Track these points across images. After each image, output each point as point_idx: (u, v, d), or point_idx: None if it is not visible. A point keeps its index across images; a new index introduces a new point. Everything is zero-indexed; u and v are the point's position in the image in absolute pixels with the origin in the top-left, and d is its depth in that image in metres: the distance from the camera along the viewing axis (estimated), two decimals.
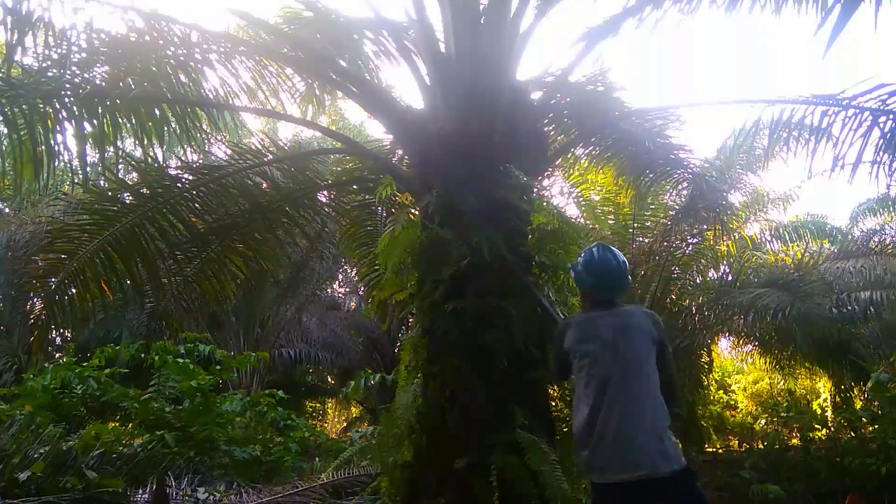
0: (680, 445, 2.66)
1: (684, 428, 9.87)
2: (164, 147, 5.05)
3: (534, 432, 3.59)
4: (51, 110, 4.20)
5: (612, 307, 2.82)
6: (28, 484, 4.42)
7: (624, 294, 2.94)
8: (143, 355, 7.60)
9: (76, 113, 4.26)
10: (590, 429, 2.53)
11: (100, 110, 4.31)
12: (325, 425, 20.41)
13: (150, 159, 4.98)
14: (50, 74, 4.11)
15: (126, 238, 4.93)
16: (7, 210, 13.70)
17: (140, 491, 5.08)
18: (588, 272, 2.88)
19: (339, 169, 6.39)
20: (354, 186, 6.22)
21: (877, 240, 10.64)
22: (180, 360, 7.41)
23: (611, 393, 2.53)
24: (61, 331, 11.90)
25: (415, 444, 3.87)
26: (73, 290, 5.10)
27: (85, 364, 7.43)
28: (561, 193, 8.52)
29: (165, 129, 4.60)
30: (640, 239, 9.76)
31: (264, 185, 5.52)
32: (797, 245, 12.06)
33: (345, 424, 20.56)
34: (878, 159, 4.33)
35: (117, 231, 4.91)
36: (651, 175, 6.26)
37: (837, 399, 12.16)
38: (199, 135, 4.97)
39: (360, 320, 15.64)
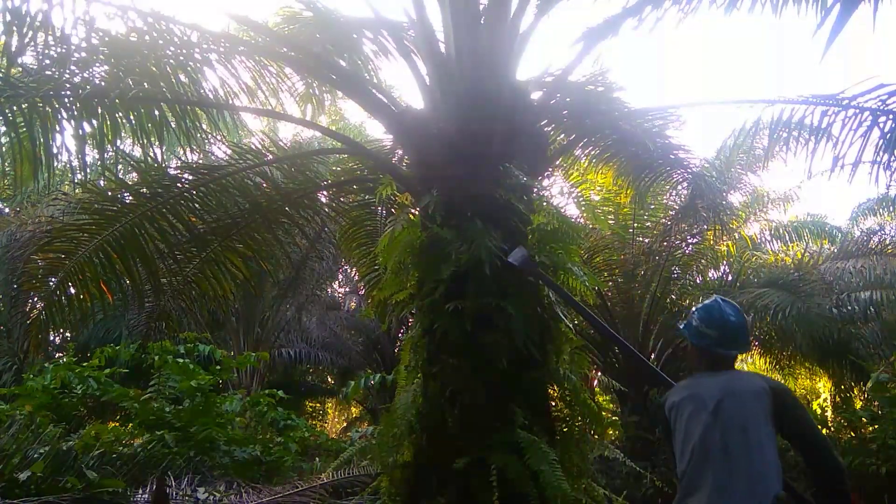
0: None
1: None
2: (164, 147, 5.05)
3: (534, 432, 3.59)
4: (50, 110, 4.19)
5: (726, 369, 2.54)
6: (28, 484, 4.41)
7: (744, 353, 2.74)
8: (142, 355, 7.59)
9: (76, 113, 4.26)
10: (685, 486, 2.39)
11: (99, 110, 4.31)
12: (325, 425, 20.41)
13: (149, 159, 4.98)
14: (50, 74, 4.10)
15: (125, 238, 4.93)
16: (7, 210, 13.70)
17: (140, 491, 5.07)
18: (708, 325, 2.55)
19: (339, 169, 6.39)
20: (354, 186, 6.22)
21: (877, 240, 10.63)
22: (180, 360, 7.40)
23: (712, 464, 2.32)
24: (61, 331, 11.89)
25: (415, 444, 3.87)
26: (73, 290, 5.09)
27: (85, 364, 7.43)
28: (561, 193, 8.54)
29: (165, 129, 4.60)
30: (640, 239, 9.75)
31: (264, 185, 5.52)
32: (797, 245, 12.06)
33: (345, 424, 20.57)
34: (878, 159, 4.33)
35: (117, 231, 4.90)
36: (651, 175, 6.25)
37: (837, 399, 12.15)
38: (199, 135, 4.96)
39: (360, 320, 15.64)
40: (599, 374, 10.04)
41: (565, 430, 4.02)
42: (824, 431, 9.92)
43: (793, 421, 2.37)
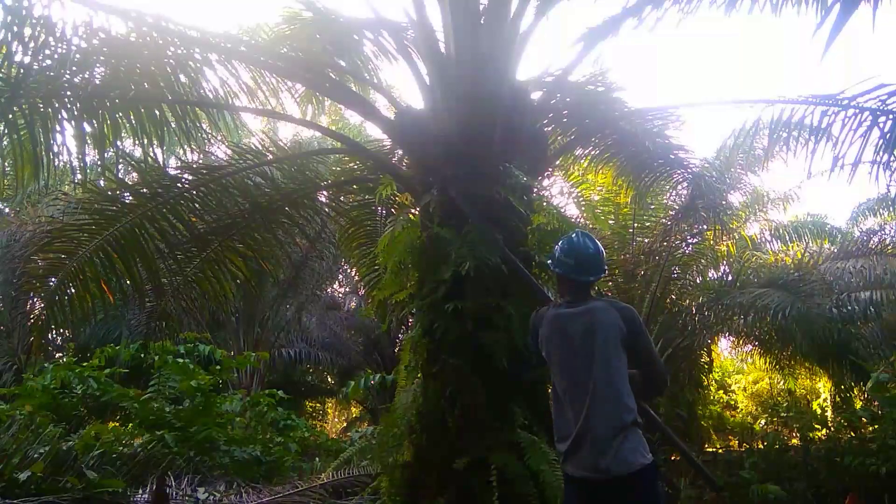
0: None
1: (684, 428, 9.87)
2: (164, 147, 5.05)
3: (534, 432, 3.60)
4: (51, 110, 4.19)
5: (586, 296, 2.83)
6: (28, 484, 4.41)
7: (599, 280, 2.93)
8: (142, 355, 7.59)
9: (76, 113, 4.26)
10: (564, 425, 2.69)
11: (99, 110, 4.31)
12: (325, 425, 20.42)
13: (149, 159, 4.98)
14: (50, 74, 4.10)
15: (126, 238, 4.93)
16: (7, 210, 13.70)
17: (140, 491, 5.07)
18: (567, 255, 2.85)
19: (339, 169, 6.39)
20: (354, 186, 6.22)
21: (877, 240, 10.61)
22: (180, 360, 7.40)
23: (580, 393, 2.64)
24: (61, 331, 11.89)
25: (415, 444, 3.87)
26: (73, 290, 5.09)
27: (85, 364, 7.42)
28: (561, 193, 8.54)
29: (165, 129, 4.60)
30: (640, 239, 9.75)
31: (264, 185, 5.52)
32: (797, 245, 12.05)
33: (345, 424, 20.57)
34: (878, 159, 4.33)
35: (117, 231, 4.90)
36: (651, 175, 6.26)
37: (837, 399, 12.15)
38: (199, 135, 4.96)
39: (360, 320, 15.63)
40: None
41: None
42: (823, 431, 9.93)
43: (638, 345, 2.74)
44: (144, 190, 5.11)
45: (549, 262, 2.98)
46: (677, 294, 10.45)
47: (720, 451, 12.10)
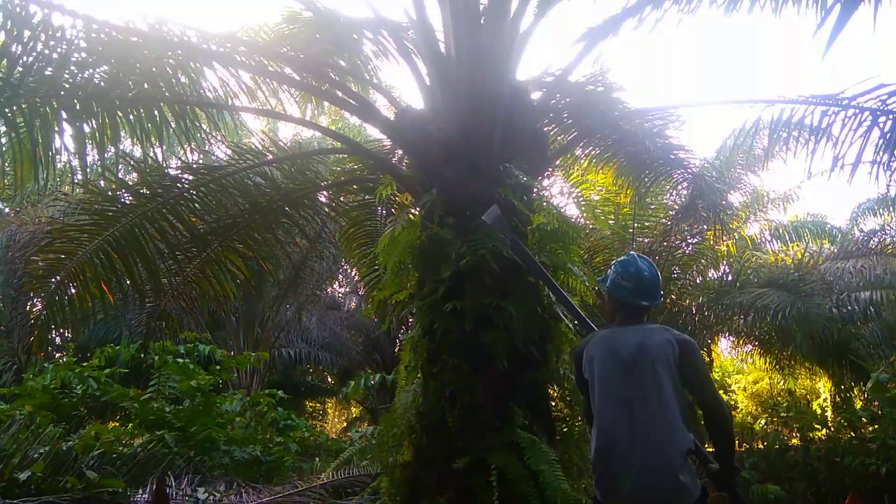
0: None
1: None
2: (164, 147, 5.05)
3: (534, 432, 3.59)
4: (50, 110, 4.19)
5: (639, 322, 2.71)
6: (28, 484, 4.40)
7: (655, 306, 2.82)
8: (143, 355, 7.58)
9: (76, 113, 4.26)
10: (608, 453, 2.50)
11: (99, 110, 4.31)
12: (325, 425, 20.43)
13: (150, 159, 4.98)
14: (49, 74, 4.10)
15: (126, 238, 4.93)
16: (7, 210, 13.69)
17: (140, 491, 5.06)
18: (625, 278, 2.72)
19: (339, 169, 6.39)
20: (354, 186, 6.22)
21: (877, 240, 10.62)
22: (180, 360, 7.40)
23: (630, 418, 2.47)
24: (61, 331, 11.89)
25: (415, 444, 3.87)
26: (73, 290, 5.10)
27: (85, 364, 7.42)
28: (561, 193, 8.54)
29: (165, 129, 4.60)
30: (640, 239, 9.75)
31: (264, 185, 5.52)
32: (797, 245, 12.05)
33: (345, 424, 20.58)
34: (878, 159, 4.32)
35: (117, 231, 4.90)
36: (651, 175, 6.26)
37: (837, 399, 12.15)
38: (199, 135, 4.96)
39: (360, 320, 15.65)
40: None
41: (565, 430, 4.02)
42: (824, 431, 9.94)
43: (691, 371, 2.57)
44: (144, 190, 5.11)
45: (602, 283, 2.84)
46: (677, 294, 10.45)
47: None
